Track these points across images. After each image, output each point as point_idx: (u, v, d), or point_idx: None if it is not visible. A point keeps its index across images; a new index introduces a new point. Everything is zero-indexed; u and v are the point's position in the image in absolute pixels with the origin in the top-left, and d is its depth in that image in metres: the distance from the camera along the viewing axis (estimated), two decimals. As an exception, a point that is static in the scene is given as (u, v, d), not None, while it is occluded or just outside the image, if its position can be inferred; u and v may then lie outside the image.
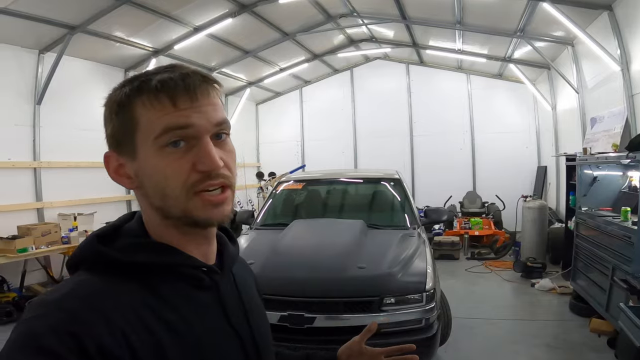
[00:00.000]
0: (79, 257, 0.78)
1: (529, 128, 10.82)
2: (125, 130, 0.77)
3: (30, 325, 0.63)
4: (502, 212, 9.59)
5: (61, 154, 7.04)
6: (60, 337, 0.61)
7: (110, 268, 0.74)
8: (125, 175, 0.80)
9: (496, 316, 5.38)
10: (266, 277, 3.32)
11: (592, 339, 4.51)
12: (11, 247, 5.39)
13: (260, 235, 4.44)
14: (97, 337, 0.63)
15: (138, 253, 0.76)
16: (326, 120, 12.34)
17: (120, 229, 0.83)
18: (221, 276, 0.86)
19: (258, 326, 0.91)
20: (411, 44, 10.30)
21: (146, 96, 0.75)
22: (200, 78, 0.77)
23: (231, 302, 0.86)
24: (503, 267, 7.70)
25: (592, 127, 6.63)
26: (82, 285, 0.72)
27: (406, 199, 4.95)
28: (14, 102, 6.41)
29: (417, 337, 3.25)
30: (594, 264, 4.87)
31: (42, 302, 0.68)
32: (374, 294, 3.20)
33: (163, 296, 0.75)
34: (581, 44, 6.93)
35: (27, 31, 6.22)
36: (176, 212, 0.77)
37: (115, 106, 0.78)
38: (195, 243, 0.82)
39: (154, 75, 0.76)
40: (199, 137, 0.75)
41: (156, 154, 0.75)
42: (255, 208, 10.72)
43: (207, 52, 8.93)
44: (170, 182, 0.75)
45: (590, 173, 5.35)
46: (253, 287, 1.04)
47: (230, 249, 0.93)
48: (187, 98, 0.75)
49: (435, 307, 3.35)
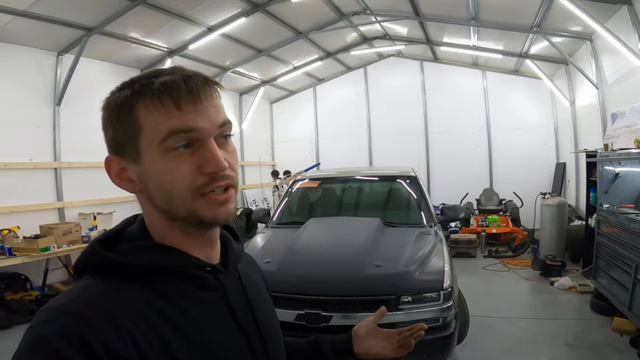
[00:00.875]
0: (83, 262, 0.78)
1: (546, 124, 10.64)
2: (128, 134, 0.76)
3: (40, 329, 0.65)
4: (519, 210, 9.46)
5: (80, 154, 7.13)
6: (69, 341, 0.62)
7: (115, 272, 0.75)
8: (127, 179, 0.80)
9: (515, 315, 5.31)
10: (283, 276, 3.34)
11: (614, 339, 4.42)
12: (34, 246, 5.48)
13: (276, 234, 4.45)
14: (105, 340, 0.64)
15: (141, 256, 0.77)
16: (340, 118, 12.30)
17: (122, 233, 0.84)
18: (226, 275, 0.86)
19: (266, 323, 0.91)
20: (425, 41, 10.22)
21: (149, 99, 0.74)
22: (202, 80, 0.77)
23: (237, 300, 0.86)
24: (521, 265, 7.60)
25: (612, 122, 6.50)
26: (88, 290, 0.73)
27: (422, 196, 4.91)
28: (34, 104, 6.53)
29: (434, 336, 3.22)
30: (616, 262, 4.76)
31: (51, 308, 0.69)
32: (391, 293, 3.18)
33: (168, 297, 0.76)
34: (600, 38, 6.79)
35: (45, 33, 6.32)
36: (182, 214, 0.77)
37: (116, 109, 0.77)
38: (198, 245, 0.83)
39: (155, 77, 0.76)
40: (204, 140, 0.76)
41: (162, 157, 0.75)
42: (270, 206, 10.78)
43: (221, 52, 8.98)
44: (177, 184, 0.75)
45: (612, 170, 5.24)
46: (261, 284, 1.04)
47: (234, 247, 0.93)
48: (191, 101, 0.75)
49: (452, 306, 3.31)
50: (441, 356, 3.30)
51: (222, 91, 0.82)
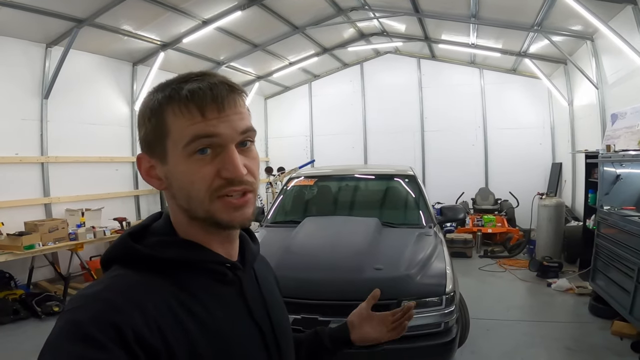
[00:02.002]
0: (113, 254, 0.83)
1: (543, 124, 10.57)
2: (157, 136, 0.81)
3: (74, 315, 0.68)
4: (515, 209, 9.41)
5: (69, 148, 6.95)
6: (101, 326, 0.66)
7: (142, 264, 0.79)
8: (155, 176, 0.85)
9: (513, 317, 5.23)
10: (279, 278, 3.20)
11: (614, 342, 4.37)
12: (18, 243, 5.29)
13: (271, 233, 4.31)
14: (134, 326, 0.68)
15: (167, 250, 0.81)
16: (336, 115, 12.16)
17: (148, 227, 0.88)
18: (243, 272, 0.90)
19: (278, 320, 0.95)
20: (423, 38, 10.09)
21: (177, 105, 0.79)
22: (227, 88, 0.81)
23: (253, 296, 0.90)
24: (517, 265, 7.54)
25: (612, 123, 6.42)
26: (118, 279, 0.77)
27: (421, 196, 4.80)
28: (21, 96, 6.32)
29: (435, 342, 3.12)
30: (617, 265, 4.70)
31: (84, 295, 0.74)
32: (392, 297, 3.04)
33: (190, 290, 0.80)
34: (601, 38, 6.71)
35: (34, 25, 6.11)
36: (200, 214, 0.82)
37: (148, 112, 0.82)
38: (219, 241, 0.87)
39: (184, 83, 0.80)
40: (225, 145, 0.80)
41: (184, 160, 0.80)
42: (264, 203, 10.65)
43: (216, 46, 8.79)
44: (196, 186, 0.80)
45: (613, 171, 5.17)
46: (273, 283, 1.09)
47: (251, 246, 0.97)
48: (215, 108, 0.79)
49: (454, 311, 3.20)
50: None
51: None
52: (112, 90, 7.86)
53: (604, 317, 4.90)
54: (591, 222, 6.32)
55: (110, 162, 7.41)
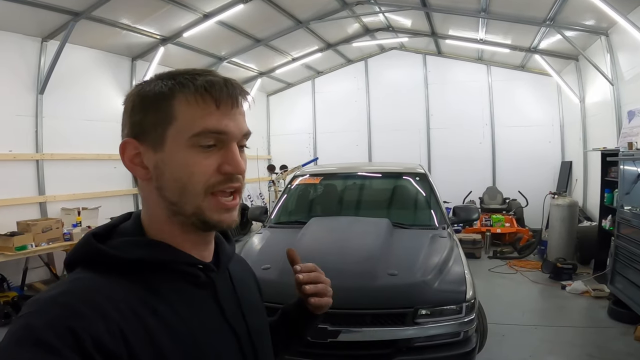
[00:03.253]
0: (76, 255, 0.79)
1: (552, 121, 10.35)
2: (157, 122, 0.78)
3: (28, 320, 0.64)
4: (524, 209, 9.17)
5: (65, 145, 6.75)
6: (57, 331, 0.62)
7: (107, 266, 0.75)
8: (140, 164, 0.80)
9: (528, 322, 4.99)
10: (284, 285, 2.92)
11: (638, 349, 4.14)
12: (9, 244, 5.07)
13: (275, 235, 4.07)
14: (93, 331, 0.64)
15: (134, 250, 0.77)
16: (339, 112, 11.94)
17: (116, 228, 0.84)
18: (217, 274, 0.87)
19: (254, 324, 0.92)
20: (430, 34, 9.86)
21: (192, 93, 0.77)
22: (240, 88, 0.81)
23: (227, 299, 0.87)
24: (528, 267, 7.30)
25: (630, 120, 6.18)
26: (78, 281, 0.73)
27: (433, 195, 4.56)
28: (15, 92, 6.11)
29: (453, 353, 2.89)
30: (638, 267, 4.47)
31: (40, 299, 0.69)
32: (408, 305, 2.82)
33: (159, 293, 0.76)
34: (617, 33, 6.50)
35: (29, 18, 5.91)
36: (189, 210, 0.78)
37: (152, 96, 0.79)
38: (193, 243, 0.83)
39: (198, 75, 0.79)
40: (228, 142, 0.80)
41: (187, 150, 0.77)
42: (266, 202, 10.44)
43: (217, 40, 8.56)
44: (194, 178, 0.77)
45: (635, 170, 4.92)
46: (251, 284, 1.05)
47: (226, 247, 0.94)
48: (229, 103, 0.79)
49: (474, 319, 2.97)
50: (461, 375, 2.95)
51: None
52: (110, 85, 7.64)
53: (625, 322, 4.69)
54: (607, 223, 6.09)
55: (108, 159, 7.17)
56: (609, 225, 5.95)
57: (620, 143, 5.83)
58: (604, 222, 6.29)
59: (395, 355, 2.85)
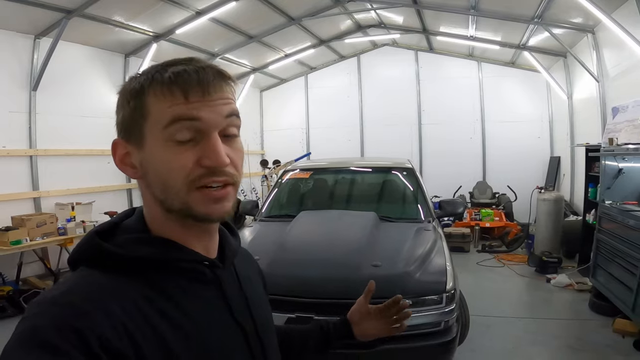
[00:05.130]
0: (79, 253, 0.77)
1: (541, 117, 10.49)
2: (135, 119, 0.76)
3: (32, 321, 0.63)
4: (513, 204, 9.32)
5: (58, 141, 6.79)
6: (62, 332, 0.61)
7: (111, 264, 0.73)
8: (130, 164, 0.80)
9: (513, 314, 5.14)
10: (273, 276, 3.05)
11: (616, 340, 4.27)
12: (4, 239, 5.14)
13: (265, 228, 4.18)
14: (99, 331, 0.63)
15: (138, 248, 0.76)
16: (332, 108, 12.04)
17: (119, 225, 0.82)
18: (223, 270, 0.85)
19: (261, 319, 0.91)
20: (421, 30, 9.95)
21: (159, 87, 0.74)
22: (214, 72, 0.77)
23: (233, 295, 0.86)
24: (515, 260, 7.45)
25: (614, 116, 6.31)
26: (82, 280, 0.72)
27: (420, 189, 4.68)
28: (8, 89, 6.14)
29: (434, 342, 3.01)
30: (618, 261, 4.60)
31: (44, 299, 0.67)
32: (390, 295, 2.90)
33: (165, 291, 0.74)
34: (603, 30, 6.62)
35: (21, 15, 5.93)
36: (176, 206, 0.76)
37: (128, 94, 0.78)
38: (196, 236, 0.81)
39: (169, 66, 0.76)
40: (207, 132, 0.75)
41: (162, 145, 0.74)
42: (259, 197, 10.52)
43: (210, 37, 8.62)
44: (173, 174, 0.74)
45: (615, 165, 5.06)
46: (256, 278, 1.04)
47: (231, 241, 0.92)
48: (199, 91, 0.74)
49: (455, 309, 3.09)
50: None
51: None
52: (103, 82, 7.68)
53: (605, 315, 4.81)
54: (591, 217, 6.23)
55: (101, 154, 7.23)
56: (592, 220, 6.09)
57: (604, 139, 5.97)
58: (588, 217, 6.42)
59: (379, 344, 2.96)
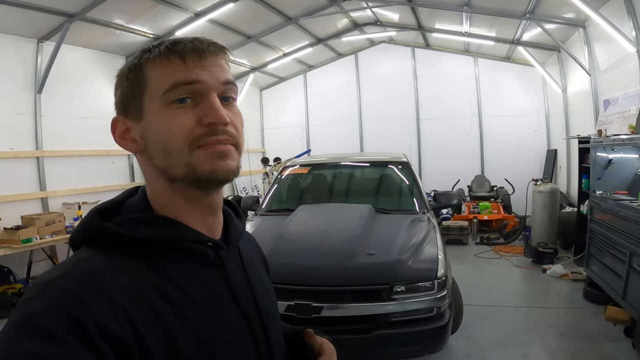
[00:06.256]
0: (80, 233, 0.76)
1: (537, 111, 10.61)
2: (134, 92, 0.77)
3: (29, 306, 0.61)
4: (511, 196, 9.44)
5: (64, 142, 6.94)
6: (59, 318, 0.59)
7: (112, 244, 0.72)
8: (130, 139, 0.79)
9: (508, 303, 5.27)
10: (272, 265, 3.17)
11: (607, 328, 4.38)
12: (15, 237, 5.30)
13: (265, 222, 4.34)
14: (97, 317, 0.61)
15: (140, 228, 0.74)
16: (331, 105, 12.17)
17: (122, 204, 0.81)
18: (227, 252, 0.83)
19: (264, 303, 0.88)
20: (417, 27, 10.07)
21: (157, 57, 0.76)
22: (209, 42, 0.79)
23: (237, 279, 0.84)
24: (513, 252, 7.58)
25: (605, 109, 6.44)
26: (82, 262, 0.70)
27: (414, 182, 4.83)
28: (13, 92, 6.29)
29: (428, 327, 3.16)
30: (610, 250, 4.71)
31: (41, 282, 0.66)
32: (384, 282, 3.10)
33: (167, 273, 0.73)
34: (593, 25, 6.73)
35: (24, 20, 6.07)
36: (180, 171, 0.75)
37: (126, 71, 0.79)
38: (200, 212, 0.80)
39: (165, 41, 0.78)
40: (206, 94, 0.76)
41: (162, 109, 0.75)
42: (260, 194, 10.66)
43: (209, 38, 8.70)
44: (174, 135, 0.74)
45: (605, 156, 5.18)
46: (260, 262, 1.02)
47: (236, 223, 0.91)
48: (196, 56, 0.76)
49: (446, 295, 3.24)
50: (435, 347, 3.24)
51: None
52: (106, 83, 7.81)
53: (598, 303, 4.90)
54: (585, 208, 6.35)
55: (105, 155, 7.41)
56: (586, 210, 6.21)
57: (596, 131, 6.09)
58: (582, 207, 6.54)
59: (374, 329, 3.12)
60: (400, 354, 3.19)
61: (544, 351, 4.10)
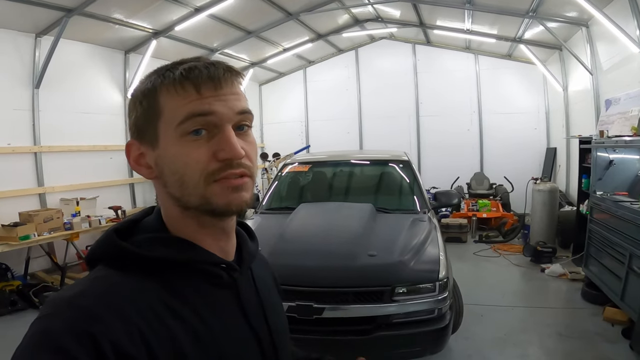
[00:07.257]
0: (97, 252, 0.77)
1: (537, 109, 10.58)
2: (149, 118, 0.77)
3: (46, 323, 0.63)
4: (510, 194, 9.44)
5: (62, 138, 6.89)
6: (76, 337, 0.60)
7: (129, 264, 0.73)
8: (145, 165, 0.80)
9: (506, 303, 5.28)
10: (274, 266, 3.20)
11: (605, 329, 4.39)
12: (13, 234, 5.26)
13: (266, 220, 4.32)
14: (113, 336, 0.62)
15: (156, 248, 0.76)
16: (331, 101, 12.12)
17: (138, 223, 0.83)
18: (240, 273, 0.85)
19: (276, 325, 0.90)
20: (418, 24, 10.01)
21: (172, 84, 0.75)
22: (224, 67, 0.78)
23: (249, 300, 0.85)
24: (511, 250, 7.59)
25: (607, 109, 6.43)
26: (98, 282, 0.71)
27: (415, 181, 4.81)
28: (11, 87, 6.24)
29: (428, 328, 3.16)
30: (609, 250, 4.72)
31: (59, 299, 0.67)
32: (386, 284, 3.09)
33: (181, 294, 0.74)
34: (596, 24, 6.70)
35: (22, 14, 6.00)
36: (194, 201, 0.76)
37: (140, 95, 0.78)
38: (213, 237, 0.81)
39: (180, 64, 0.77)
40: (221, 126, 0.75)
41: (177, 141, 0.75)
42: (260, 190, 10.65)
43: (209, 33, 8.69)
44: (190, 169, 0.74)
45: (606, 156, 5.18)
46: (271, 284, 1.03)
47: (249, 245, 0.92)
48: (211, 86, 0.75)
49: (448, 297, 3.24)
50: (436, 348, 3.24)
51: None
52: (104, 78, 7.79)
53: (596, 303, 4.91)
54: (584, 208, 6.35)
55: (104, 150, 7.37)
56: (585, 210, 6.22)
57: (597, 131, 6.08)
58: (581, 207, 6.54)
59: (375, 330, 3.12)
60: (400, 355, 3.19)
61: (542, 351, 4.12)
